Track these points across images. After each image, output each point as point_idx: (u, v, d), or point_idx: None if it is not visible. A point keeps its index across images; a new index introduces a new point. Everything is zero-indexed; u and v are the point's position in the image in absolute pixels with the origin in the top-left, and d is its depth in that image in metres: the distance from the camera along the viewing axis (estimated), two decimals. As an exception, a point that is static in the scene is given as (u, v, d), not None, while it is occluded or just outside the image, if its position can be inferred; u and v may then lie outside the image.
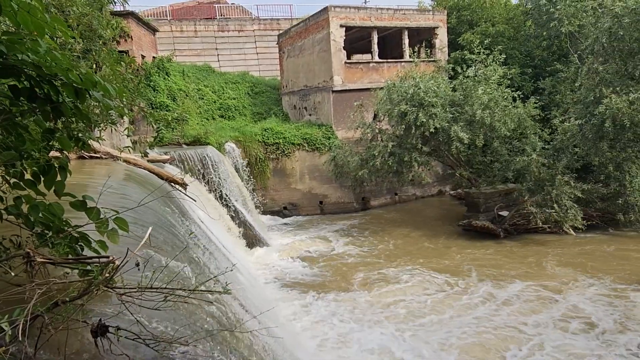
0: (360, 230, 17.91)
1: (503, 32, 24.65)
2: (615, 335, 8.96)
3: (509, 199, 16.58)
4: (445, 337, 9.24)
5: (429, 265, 13.45)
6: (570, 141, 14.99)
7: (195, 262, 4.98)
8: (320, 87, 22.52)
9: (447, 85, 17.24)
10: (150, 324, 2.52)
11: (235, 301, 5.64)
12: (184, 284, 3.12)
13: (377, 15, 22.11)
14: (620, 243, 14.35)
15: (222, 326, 3.59)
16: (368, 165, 17.23)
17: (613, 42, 14.66)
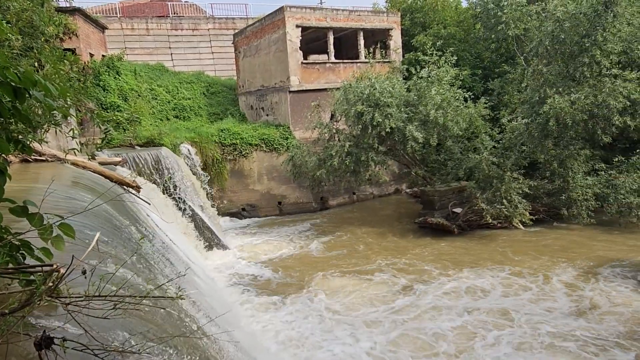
0: (319, 230, 17.98)
1: (454, 35, 25.44)
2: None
3: (462, 196, 17.12)
4: (407, 332, 9.43)
5: (388, 263, 13.68)
6: (517, 140, 15.65)
7: (149, 268, 4.84)
8: (277, 88, 22.43)
9: (402, 86, 17.59)
10: (99, 333, 2.43)
11: (192, 306, 5.52)
12: (136, 290, 3.02)
13: (332, 16, 22.27)
14: (564, 235, 15.14)
15: (178, 332, 3.50)
16: (326, 165, 17.31)
17: (555, 45, 15.44)
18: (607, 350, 8.34)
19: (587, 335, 8.90)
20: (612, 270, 12.02)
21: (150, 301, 2.54)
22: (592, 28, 14.48)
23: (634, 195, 14.78)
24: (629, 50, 15.98)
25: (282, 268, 13.85)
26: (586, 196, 15.35)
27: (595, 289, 10.99)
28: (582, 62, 14.83)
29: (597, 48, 14.62)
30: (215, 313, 6.72)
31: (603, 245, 13.92)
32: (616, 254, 13.07)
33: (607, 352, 8.30)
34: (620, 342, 8.57)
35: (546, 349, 8.51)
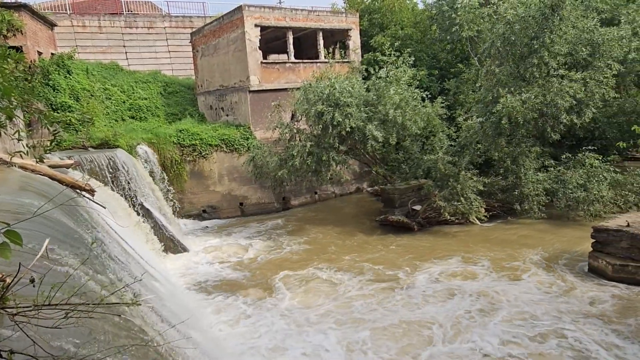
0: (282, 230, 17.93)
1: (411, 36, 25.98)
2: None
3: (421, 194, 17.51)
4: (375, 328, 9.55)
5: (350, 261, 13.81)
6: (473, 138, 16.16)
7: (103, 273, 4.68)
8: (237, 87, 22.18)
9: (361, 86, 17.79)
10: (50, 343, 2.33)
11: (150, 311, 5.38)
12: (90, 297, 2.93)
13: (291, 15, 22.24)
14: (517, 229, 15.77)
15: (135, 340, 3.41)
16: (287, 165, 17.27)
17: (506, 47, 16.05)
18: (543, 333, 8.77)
19: (526, 316, 9.32)
20: (560, 260, 12.63)
21: (105, 308, 2.47)
22: (541, 30, 15.14)
23: (580, 190, 15.59)
24: (574, 52, 16.82)
25: (244, 269, 13.73)
26: (537, 191, 16.05)
27: (543, 277, 11.51)
28: (531, 63, 15.48)
29: (545, 49, 15.30)
30: (175, 318, 6.59)
31: (552, 238, 14.59)
32: (564, 246, 13.74)
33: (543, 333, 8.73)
34: (556, 328, 9.03)
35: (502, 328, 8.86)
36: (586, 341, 8.56)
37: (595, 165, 16.19)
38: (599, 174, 15.89)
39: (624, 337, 8.64)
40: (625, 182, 16.05)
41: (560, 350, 8.32)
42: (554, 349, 8.38)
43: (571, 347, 8.42)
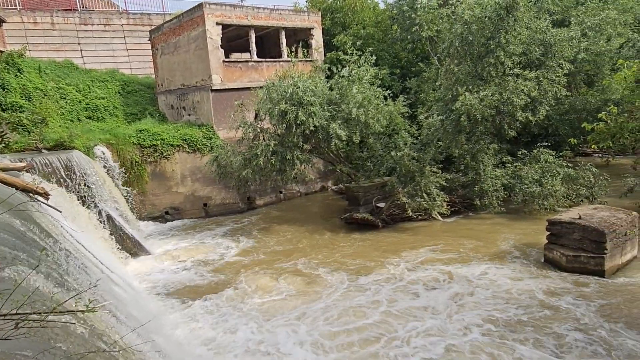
0: (247, 230, 17.78)
1: (373, 35, 26.28)
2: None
3: (385, 191, 17.75)
4: (340, 329, 9.62)
5: (316, 260, 13.85)
6: (434, 135, 16.51)
7: (59, 280, 4.51)
8: (199, 86, 21.82)
9: (324, 85, 17.85)
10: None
11: (110, 317, 5.23)
12: (44, 306, 2.82)
13: (253, 14, 22.06)
14: (477, 224, 16.26)
15: (93, 347, 3.31)
16: (251, 165, 17.14)
17: (464, 46, 16.48)
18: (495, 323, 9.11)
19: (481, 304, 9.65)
20: (518, 252, 13.10)
21: (58, 317, 2.38)
22: (496, 31, 15.64)
23: (536, 185, 16.22)
24: (528, 51, 17.46)
25: (208, 271, 13.54)
26: (496, 187, 16.57)
27: (502, 269, 11.92)
28: (488, 62, 15.95)
29: (501, 49, 15.81)
30: (137, 323, 6.43)
31: (510, 231, 15.11)
32: (522, 239, 14.26)
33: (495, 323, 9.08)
34: (513, 315, 9.39)
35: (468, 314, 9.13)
36: (542, 326, 8.94)
37: (549, 160, 16.89)
38: (553, 169, 16.58)
39: (575, 325, 9.07)
40: (577, 176, 16.81)
41: (518, 334, 8.65)
42: (513, 332, 8.71)
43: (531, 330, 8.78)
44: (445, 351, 8.47)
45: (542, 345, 8.43)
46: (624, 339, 8.40)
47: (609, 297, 10.11)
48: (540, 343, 8.48)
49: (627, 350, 8.07)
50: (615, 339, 8.44)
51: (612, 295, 10.19)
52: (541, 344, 8.46)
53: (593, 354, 8.05)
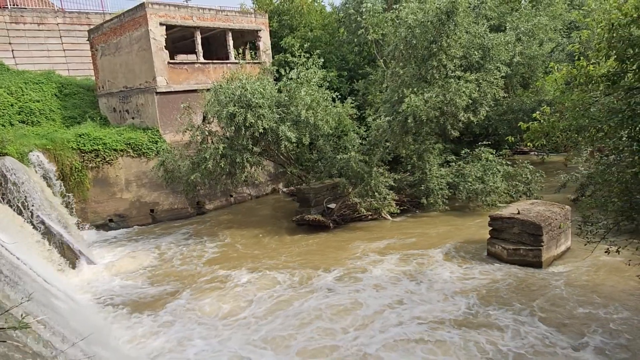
0: (196, 235, 17.38)
1: (320, 38, 26.50)
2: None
3: (336, 192, 17.94)
4: (290, 333, 9.59)
5: (267, 263, 13.76)
6: (382, 136, 16.84)
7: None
8: (143, 89, 21.11)
9: (273, 87, 17.80)
10: None
11: (48, 331, 4.95)
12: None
13: (199, 14, 21.64)
14: (424, 221, 16.78)
15: (28, 363, 3.12)
16: (200, 169, 16.79)
17: (409, 49, 16.94)
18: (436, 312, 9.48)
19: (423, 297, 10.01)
20: (463, 247, 13.64)
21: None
22: (438, 35, 16.19)
23: (478, 183, 16.97)
24: (468, 55, 18.22)
25: (155, 280, 13.11)
26: (441, 185, 17.18)
27: (445, 263, 12.38)
28: (431, 65, 16.50)
29: (443, 53, 16.39)
30: (79, 336, 6.14)
31: (456, 228, 15.72)
32: (466, 234, 14.85)
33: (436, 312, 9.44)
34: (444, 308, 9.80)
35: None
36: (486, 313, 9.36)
37: (490, 159, 17.73)
38: (494, 167, 17.43)
39: (514, 309, 9.57)
40: (516, 173, 17.76)
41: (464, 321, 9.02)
42: (465, 318, 9.07)
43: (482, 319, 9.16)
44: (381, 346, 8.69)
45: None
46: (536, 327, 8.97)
47: (542, 287, 10.74)
48: (478, 330, 8.88)
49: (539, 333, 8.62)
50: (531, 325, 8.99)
51: (546, 284, 10.84)
52: (478, 331, 8.86)
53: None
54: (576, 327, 8.85)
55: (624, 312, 9.27)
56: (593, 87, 8.72)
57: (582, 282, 10.91)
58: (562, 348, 8.23)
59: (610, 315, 9.19)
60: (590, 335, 8.55)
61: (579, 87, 9.30)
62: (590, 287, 10.59)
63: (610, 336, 8.47)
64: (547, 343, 8.41)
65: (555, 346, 8.30)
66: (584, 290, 10.41)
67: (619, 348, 8.10)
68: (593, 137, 8.14)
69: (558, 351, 8.14)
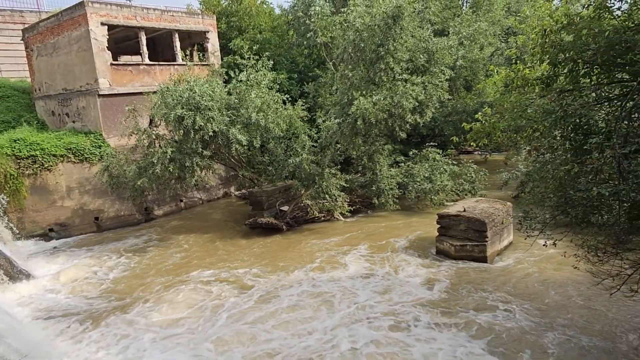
0: (145, 243, 16.80)
1: (270, 40, 26.41)
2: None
3: (288, 194, 17.93)
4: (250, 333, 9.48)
5: (219, 268, 13.52)
6: (332, 138, 17.02)
7: None
8: (84, 91, 20.18)
9: (222, 89, 17.55)
10: None
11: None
12: None
13: (143, 15, 20.97)
14: (376, 221, 17.11)
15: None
16: (147, 174, 16.25)
17: (357, 52, 17.23)
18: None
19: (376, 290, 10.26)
20: (413, 245, 14.03)
21: None
22: (385, 38, 16.58)
23: (426, 182, 17.52)
24: (414, 58, 18.78)
25: (100, 291, 12.55)
26: (391, 186, 17.58)
27: (395, 262, 12.69)
28: (379, 68, 16.86)
29: (390, 56, 16.80)
30: (18, 354, 5.78)
31: (406, 226, 16.14)
32: (416, 233, 15.28)
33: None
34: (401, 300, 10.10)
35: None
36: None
37: (437, 159, 18.36)
38: (441, 167, 18.06)
39: (459, 303, 9.97)
40: (461, 172, 18.48)
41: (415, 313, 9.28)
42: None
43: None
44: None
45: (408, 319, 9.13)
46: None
47: (488, 279, 11.25)
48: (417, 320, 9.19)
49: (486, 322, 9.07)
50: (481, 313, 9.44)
51: (490, 277, 11.37)
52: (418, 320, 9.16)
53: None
54: (521, 305, 9.35)
55: (558, 297, 9.90)
56: (529, 89, 9.26)
57: (523, 273, 11.52)
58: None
59: (549, 302, 9.78)
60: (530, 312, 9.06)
61: (517, 89, 9.84)
62: (531, 277, 11.20)
63: (550, 318, 9.02)
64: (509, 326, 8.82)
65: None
66: (526, 281, 11.00)
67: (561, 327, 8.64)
68: (530, 136, 8.63)
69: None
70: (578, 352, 8.09)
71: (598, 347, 8.18)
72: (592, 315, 9.27)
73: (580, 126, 6.64)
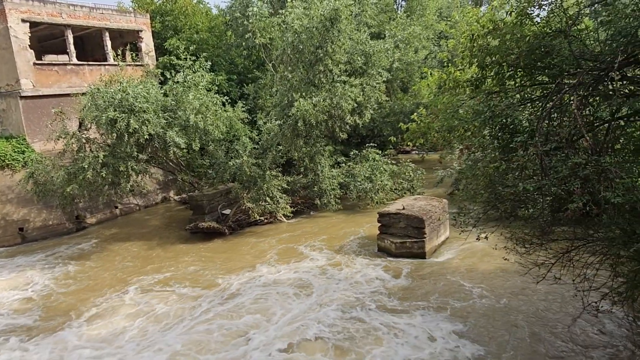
0: (76, 254, 15.81)
1: (207, 40, 25.86)
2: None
3: (230, 198, 17.63)
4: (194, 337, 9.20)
5: (158, 277, 13.03)
6: (274, 140, 16.97)
7: None
8: (4, 93, 18.75)
9: (158, 91, 16.95)
10: None
11: None
12: None
13: (69, 12, 19.83)
14: (319, 221, 17.24)
15: None
16: (78, 180, 15.35)
17: (296, 54, 17.29)
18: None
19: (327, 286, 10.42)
20: (355, 244, 14.28)
21: None
22: (323, 40, 16.76)
23: (367, 182, 17.89)
24: (352, 60, 19.13)
25: (23, 309, 11.63)
26: (333, 186, 17.79)
27: (338, 261, 12.88)
28: (318, 70, 17.02)
29: (329, 58, 17.01)
30: None
31: (348, 226, 16.39)
32: (358, 231, 15.57)
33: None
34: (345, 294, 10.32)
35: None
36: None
37: (376, 159, 18.80)
38: (380, 166, 18.52)
39: (402, 297, 10.29)
40: (400, 172, 19.06)
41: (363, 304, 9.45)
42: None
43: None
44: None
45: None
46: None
47: (420, 276, 11.69)
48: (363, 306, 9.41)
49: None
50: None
51: (425, 272, 11.82)
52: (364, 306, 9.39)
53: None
54: (459, 296, 9.78)
55: (485, 283, 10.48)
56: (460, 91, 9.72)
57: (458, 266, 12.07)
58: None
59: (481, 290, 10.32)
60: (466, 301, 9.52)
61: (449, 91, 10.31)
62: (464, 270, 11.76)
63: (482, 305, 9.52)
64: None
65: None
66: (461, 273, 11.54)
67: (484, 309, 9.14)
68: (462, 136, 9.06)
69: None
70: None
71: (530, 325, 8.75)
72: (523, 301, 9.88)
73: (506, 126, 7.05)
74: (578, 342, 8.28)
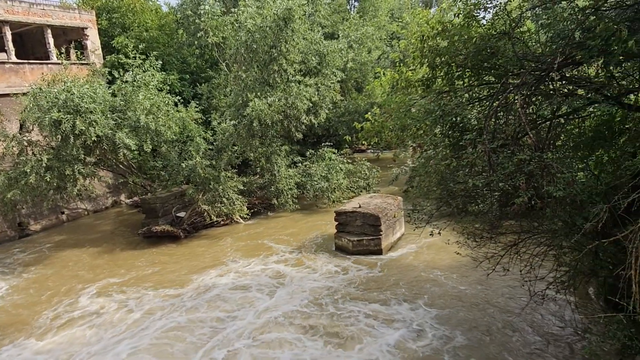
0: (17, 264, 14.86)
1: (157, 39, 25.12)
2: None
3: (185, 200, 17.21)
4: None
5: (110, 285, 12.52)
6: (229, 140, 16.71)
7: None
8: None
9: (106, 90, 16.30)
10: None
11: None
12: None
13: (6, 7, 18.70)
14: (276, 222, 17.17)
15: None
16: (20, 185, 14.52)
17: (250, 54, 17.13)
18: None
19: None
20: (314, 243, 14.33)
21: None
22: (277, 40, 16.69)
23: (324, 181, 17.98)
24: (307, 60, 19.16)
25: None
26: (290, 186, 17.75)
27: (295, 261, 12.90)
28: (273, 69, 16.92)
29: (283, 57, 16.95)
30: None
31: (306, 225, 16.43)
32: (316, 231, 15.62)
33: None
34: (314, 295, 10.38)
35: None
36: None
37: (332, 158, 18.92)
38: (337, 165, 18.65)
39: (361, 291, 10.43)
40: (356, 170, 19.28)
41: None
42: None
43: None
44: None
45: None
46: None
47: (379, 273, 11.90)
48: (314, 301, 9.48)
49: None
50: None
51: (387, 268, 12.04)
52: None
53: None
54: (416, 290, 10.02)
55: (441, 274, 10.82)
56: (412, 90, 9.95)
57: (413, 261, 12.36)
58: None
59: (436, 282, 10.63)
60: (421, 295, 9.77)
61: (401, 90, 10.53)
62: (419, 265, 12.07)
63: (435, 295, 9.80)
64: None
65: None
66: (416, 268, 11.83)
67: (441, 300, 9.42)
68: (415, 134, 9.29)
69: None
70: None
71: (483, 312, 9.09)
72: (479, 290, 10.25)
73: (456, 124, 7.30)
74: (529, 331, 8.68)
